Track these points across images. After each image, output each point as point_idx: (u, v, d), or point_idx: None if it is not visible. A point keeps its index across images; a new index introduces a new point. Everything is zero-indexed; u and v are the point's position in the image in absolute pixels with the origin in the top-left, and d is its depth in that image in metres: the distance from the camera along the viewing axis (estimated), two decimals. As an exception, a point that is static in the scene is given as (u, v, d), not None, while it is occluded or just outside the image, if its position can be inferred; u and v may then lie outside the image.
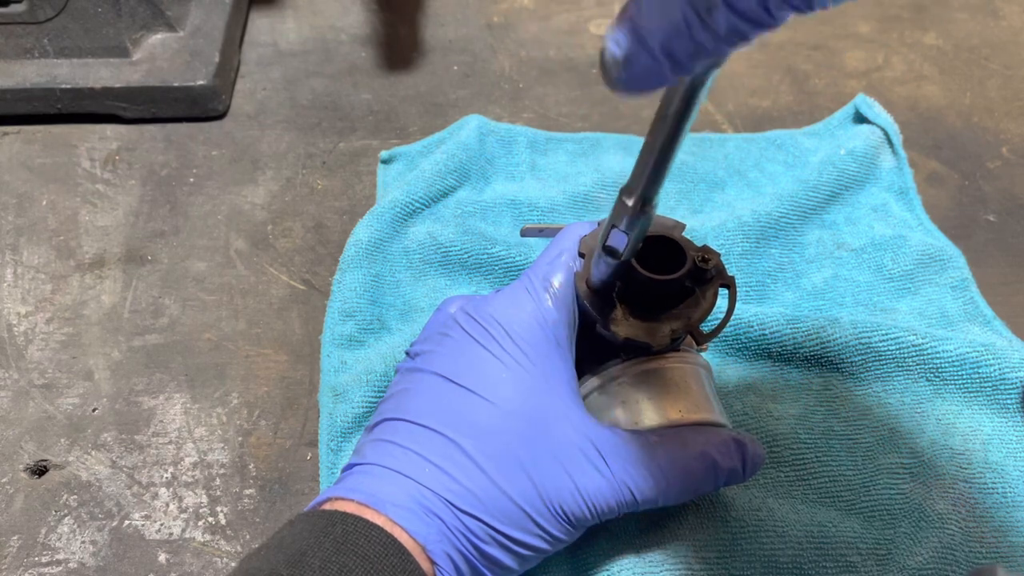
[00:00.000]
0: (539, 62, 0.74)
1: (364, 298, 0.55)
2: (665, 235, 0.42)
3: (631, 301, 0.42)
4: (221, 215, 0.62)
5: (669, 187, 0.62)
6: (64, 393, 0.53)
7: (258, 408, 0.52)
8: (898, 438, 0.49)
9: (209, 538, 0.47)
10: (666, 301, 0.42)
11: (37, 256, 0.60)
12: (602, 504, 0.39)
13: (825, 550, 0.44)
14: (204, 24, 0.71)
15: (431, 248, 0.57)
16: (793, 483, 0.48)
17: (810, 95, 0.72)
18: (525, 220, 0.60)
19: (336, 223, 0.62)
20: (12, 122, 0.68)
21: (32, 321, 0.56)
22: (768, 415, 0.50)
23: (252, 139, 0.68)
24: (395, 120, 0.69)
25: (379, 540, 0.35)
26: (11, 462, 0.50)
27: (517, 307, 0.41)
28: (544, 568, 0.43)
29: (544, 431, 0.39)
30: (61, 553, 0.46)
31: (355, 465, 0.40)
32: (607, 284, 0.41)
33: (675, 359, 0.43)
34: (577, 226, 0.44)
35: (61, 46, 0.67)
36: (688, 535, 0.43)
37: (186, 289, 0.58)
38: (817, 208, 0.61)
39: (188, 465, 0.50)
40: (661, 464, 0.39)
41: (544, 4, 0.80)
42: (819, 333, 0.52)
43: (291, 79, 0.72)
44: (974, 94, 0.72)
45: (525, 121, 0.69)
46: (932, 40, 0.77)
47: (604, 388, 0.43)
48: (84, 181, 0.64)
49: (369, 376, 0.50)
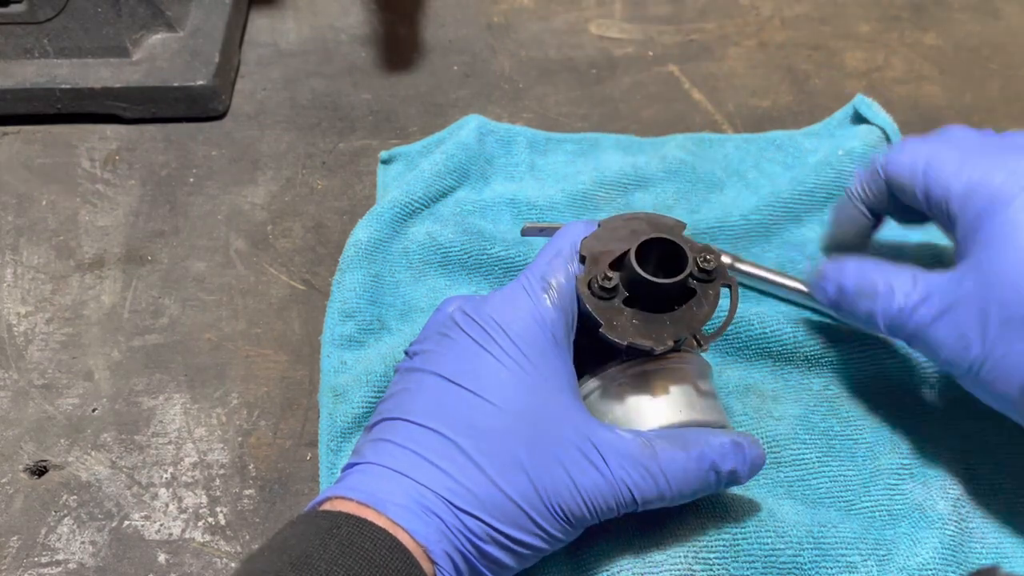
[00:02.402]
0: (539, 62, 0.74)
1: (364, 298, 0.55)
2: (666, 237, 0.42)
3: (633, 304, 0.42)
4: (221, 215, 0.62)
5: (668, 187, 0.62)
6: (64, 393, 0.53)
7: (258, 408, 0.52)
8: (898, 438, 0.49)
9: (209, 538, 0.47)
10: (668, 303, 0.42)
11: (37, 256, 0.60)
12: (601, 504, 0.39)
13: (825, 550, 0.44)
14: (204, 24, 0.71)
15: (431, 248, 0.57)
16: (793, 483, 0.48)
17: (810, 95, 0.72)
18: (524, 219, 0.60)
19: (336, 223, 0.62)
20: (12, 122, 0.68)
21: (32, 321, 0.56)
22: (768, 415, 0.50)
23: (252, 139, 0.68)
24: (395, 120, 0.69)
25: (383, 543, 0.35)
26: (11, 462, 0.50)
27: (515, 307, 0.41)
28: (544, 568, 0.43)
29: (543, 430, 0.39)
30: (61, 553, 0.46)
31: (354, 465, 0.40)
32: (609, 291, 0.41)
33: (675, 360, 0.43)
34: (574, 225, 0.44)
35: (61, 46, 0.67)
36: (688, 535, 0.43)
37: (186, 289, 0.58)
38: (816, 208, 0.61)
39: (188, 465, 0.50)
40: (661, 466, 0.39)
41: (544, 4, 0.80)
42: (819, 333, 0.52)
43: (291, 79, 0.72)
44: (974, 94, 0.72)
45: (525, 121, 0.69)
46: (932, 40, 0.77)
47: (604, 389, 0.43)
48: (84, 181, 0.65)
49: (369, 376, 0.50)
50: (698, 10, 0.79)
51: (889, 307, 0.44)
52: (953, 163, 0.44)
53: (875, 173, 0.48)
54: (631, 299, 0.42)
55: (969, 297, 0.41)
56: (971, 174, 0.43)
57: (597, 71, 0.74)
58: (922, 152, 0.46)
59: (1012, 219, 0.41)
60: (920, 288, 0.43)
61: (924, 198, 0.45)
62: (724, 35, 0.77)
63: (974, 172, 0.43)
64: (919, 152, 0.46)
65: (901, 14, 0.79)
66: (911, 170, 0.46)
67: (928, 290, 0.43)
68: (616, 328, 0.41)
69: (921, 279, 0.43)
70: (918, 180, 0.45)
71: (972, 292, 0.41)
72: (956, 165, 0.44)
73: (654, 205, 0.61)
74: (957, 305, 0.41)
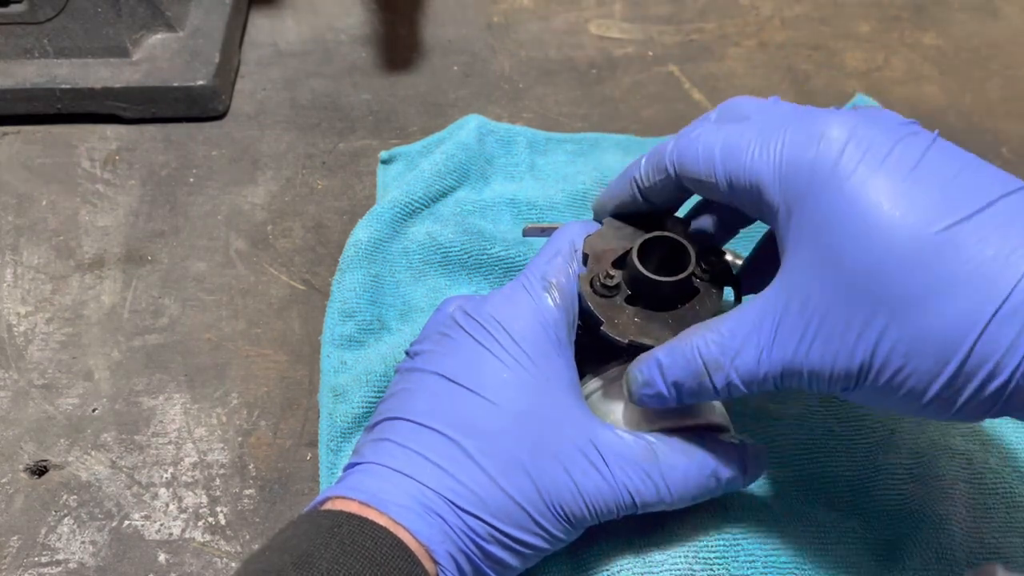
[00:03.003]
0: (539, 62, 0.74)
1: (364, 298, 0.55)
2: (670, 235, 0.42)
3: (635, 302, 0.42)
4: (221, 215, 0.62)
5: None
6: (64, 393, 0.53)
7: (258, 408, 0.52)
8: (898, 438, 0.49)
9: (209, 538, 0.47)
10: (670, 301, 0.42)
11: (37, 256, 0.60)
12: (601, 505, 0.39)
13: (825, 550, 0.44)
14: (204, 24, 0.71)
15: (431, 248, 0.57)
16: (793, 484, 0.48)
17: (810, 95, 0.72)
18: (524, 219, 0.60)
19: (336, 223, 0.62)
20: (12, 122, 0.68)
21: (32, 321, 0.56)
22: (768, 416, 0.50)
23: (252, 139, 0.68)
24: (395, 120, 0.69)
25: (385, 543, 0.35)
26: (11, 462, 0.50)
27: (516, 306, 0.41)
28: (544, 568, 0.43)
29: (545, 431, 0.39)
30: (61, 553, 0.46)
31: (355, 464, 0.40)
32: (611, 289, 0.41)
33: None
34: (574, 225, 0.44)
35: (61, 46, 0.67)
36: (688, 535, 0.43)
37: (186, 289, 0.58)
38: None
39: (188, 465, 0.50)
40: (661, 471, 0.39)
41: (544, 4, 0.80)
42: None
43: (291, 79, 0.72)
44: (974, 94, 0.72)
45: (525, 121, 0.69)
46: (932, 40, 0.77)
47: (606, 389, 0.43)
48: (84, 181, 0.64)
49: (369, 376, 0.50)
50: (698, 10, 0.79)
51: (745, 362, 0.36)
52: (754, 143, 0.37)
53: (662, 170, 0.41)
54: (633, 297, 0.42)
55: (823, 294, 0.34)
56: (779, 152, 0.36)
57: (597, 71, 0.74)
58: (715, 138, 0.38)
59: (843, 190, 0.33)
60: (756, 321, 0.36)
61: (728, 190, 0.38)
62: (724, 35, 0.77)
63: (783, 149, 0.36)
64: (711, 139, 0.38)
65: (901, 14, 0.79)
66: (707, 161, 0.38)
67: (762, 316, 0.35)
68: (617, 326, 0.41)
69: (749, 311, 0.36)
70: (717, 171, 0.38)
71: (825, 288, 0.33)
72: (758, 145, 0.36)
73: (654, 205, 0.61)
74: (813, 313, 0.34)
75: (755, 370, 0.36)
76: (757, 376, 0.36)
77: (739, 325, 0.36)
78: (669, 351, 0.38)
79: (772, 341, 0.35)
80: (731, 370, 0.36)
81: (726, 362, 0.36)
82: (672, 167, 0.40)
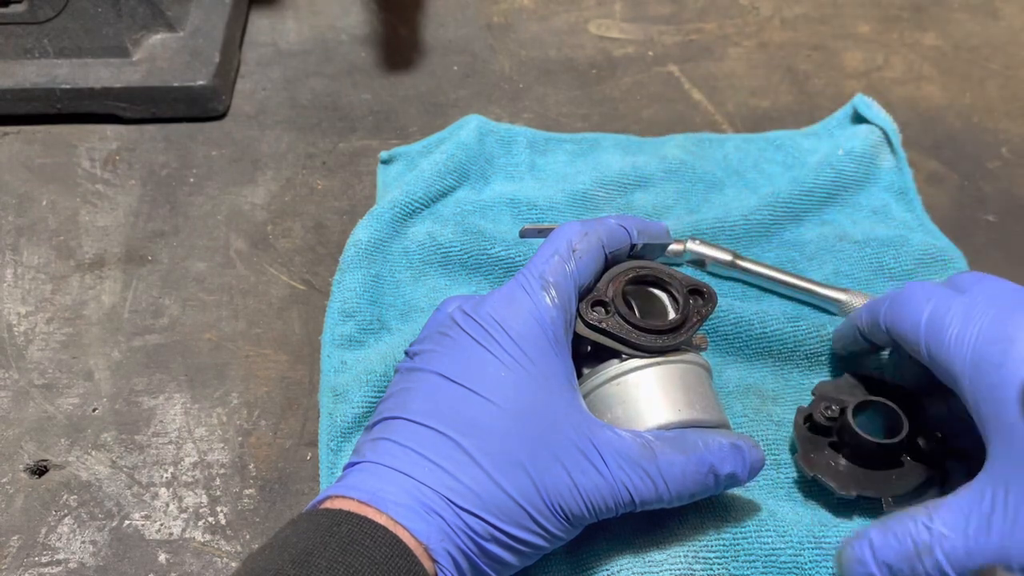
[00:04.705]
0: (539, 62, 0.74)
1: (364, 298, 0.55)
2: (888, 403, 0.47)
3: (840, 449, 0.47)
4: (221, 215, 0.62)
5: (668, 187, 0.62)
6: (64, 393, 0.53)
7: (258, 408, 0.52)
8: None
9: (209, 538, 0.47)
10: (875, 462, 0.46)
11: (37, 256, 0.60)
12: (600, 503, 0.39)
13: (825, 550, 0.44)
14: (204, 24, 0.71)
15: (431, 248, 0.57)
16: (793, 484, 0.48)
17: (810, 95, 0.72)
18: (524, 219, 0.60)
19: (336, 223, 0.62)
20: (12, 122, 0.68)
21: (32, 321, 0.56)
22: (768, 416, 0.50)
23: (252, 139, 0.68)
24: (395, 120, 0.69)
25: (384, 541, 0.35)
26: (11, 462, 0.50)
27: (515, 306, 0.41)
28: (544, 568, 0.43)
29: (543, 429, 0.39)
30: (61, 553, 0.46)
31: (355, 464, 0.40)
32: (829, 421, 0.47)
33: (675, 359, 0.43)
34: (571, 225, 0.44)
35: (61, 46, 0.67)
36: (688, 535, 0.44)
37: (186, 289, 0.58)
38: (816, 208, 0.61)
39: (188, 465, 0.50)
40: (659, 468, 0.39)
41: (544, 4, 0.80)
42: (819, 331, 0.52)
43: (291, 79, 0.72)
44: (974, 94, 0.72)
45: (525, 121, 0.69)
46: (932, 40, 0.77)
47: (604, 387, 0.43)
48: (84, 181, 0.65)
49: (369, 376, 0.50)
50: (698, 10, 0.79)
51: (954, 547, 0.38)
52: (957, 324, 0.41)
53: (874, 324, 0.46)
54: (838, 444, 0.47)
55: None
56: (976, 342, 0.39)
57: (597, 71, 0.74)
58: (924, 305, 0.42)
59: None
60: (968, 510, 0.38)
61: (929, 360, 0.42)
62: (724, 35, 0.77)
63: (976, 343, 0.39)
64: (920, 304, 0.43)
65: (901, 14, 0.79)
66: (913, 325, 0.43)
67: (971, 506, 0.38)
68: (839, 478, 0.45)
69: (962, 500, 0.38)
70: (920, 337, 0.42)
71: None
72: (959, 327, 0.40)
73: (654, 205, 0.61)
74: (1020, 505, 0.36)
75: (964, 562, 0.38)
76: (967, 565, 0.38)
77: (950, 513, 0.38)
78: (881, 533, 0.39)
79: (983, 531, 0.37)
80: (940, 556, 0.38)
81: (936, 547, 0.38)
82: (882, 321, 0.45)
